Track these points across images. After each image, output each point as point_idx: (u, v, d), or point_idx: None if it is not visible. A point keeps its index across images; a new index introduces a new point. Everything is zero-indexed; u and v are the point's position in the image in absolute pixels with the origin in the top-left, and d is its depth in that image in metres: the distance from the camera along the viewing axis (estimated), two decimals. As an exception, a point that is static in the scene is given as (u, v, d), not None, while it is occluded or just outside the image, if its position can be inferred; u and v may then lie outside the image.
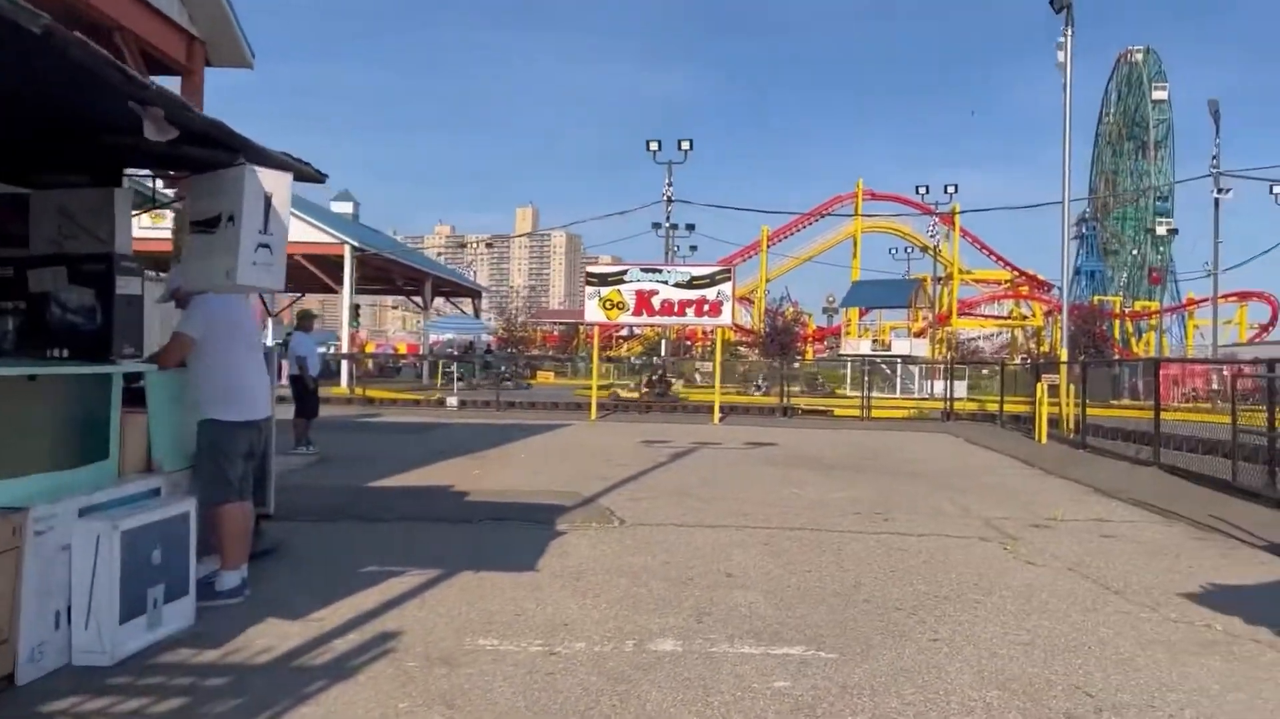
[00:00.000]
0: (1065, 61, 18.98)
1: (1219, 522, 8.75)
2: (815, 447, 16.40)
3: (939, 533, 8.17)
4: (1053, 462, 14.27)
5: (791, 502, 9.77)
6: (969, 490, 11.01)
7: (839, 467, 13.22)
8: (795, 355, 68.42)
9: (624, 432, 18.80)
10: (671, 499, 9.69)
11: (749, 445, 16.30)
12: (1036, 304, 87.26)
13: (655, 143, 40.75)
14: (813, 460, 13.98)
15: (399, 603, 5.59)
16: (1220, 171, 35.12)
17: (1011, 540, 7.89)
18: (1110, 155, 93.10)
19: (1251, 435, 9.86)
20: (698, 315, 22.24)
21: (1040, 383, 17.44)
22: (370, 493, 9.86)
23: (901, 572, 6.61)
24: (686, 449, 15.17)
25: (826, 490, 10.70)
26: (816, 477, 11.94)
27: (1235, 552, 7.59)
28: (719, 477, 11.67)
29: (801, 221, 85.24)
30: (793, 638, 4.99)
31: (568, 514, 8.65)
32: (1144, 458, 12.99)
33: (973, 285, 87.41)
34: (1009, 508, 9.71)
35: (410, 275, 40.44)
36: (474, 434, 17.28)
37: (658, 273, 22.43)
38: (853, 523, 8.55)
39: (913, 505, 9.71)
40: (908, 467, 13.52)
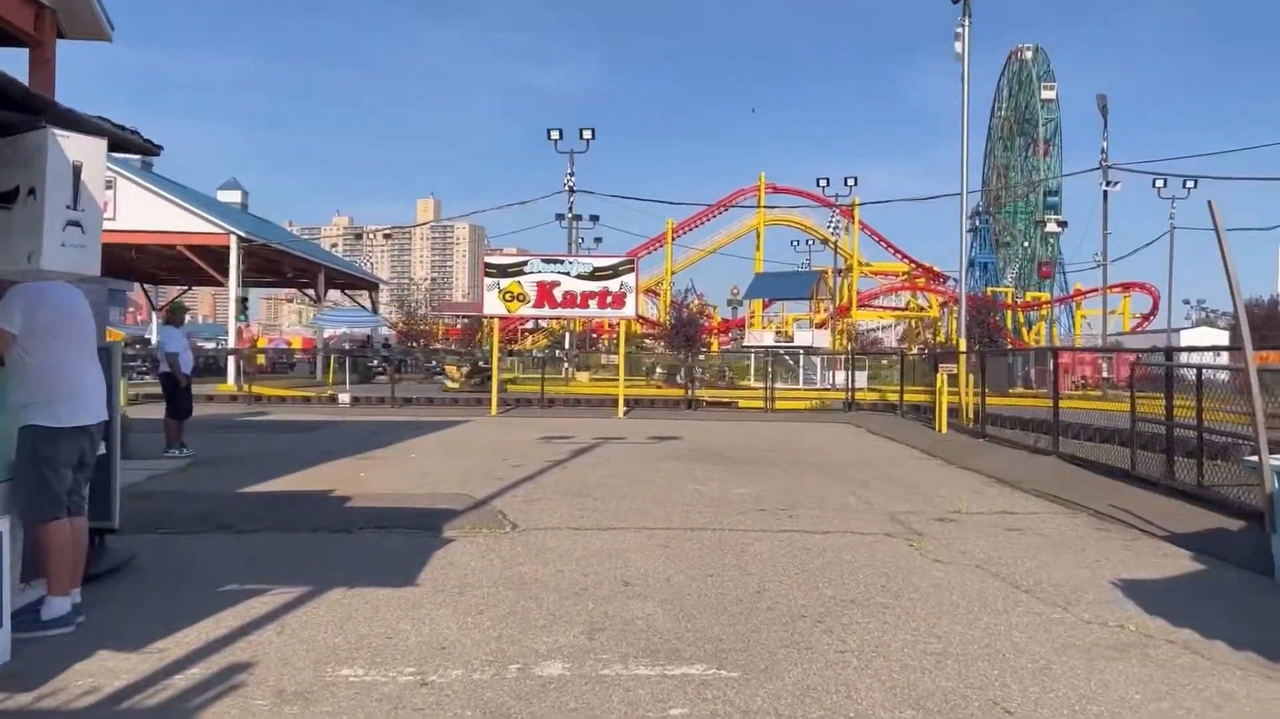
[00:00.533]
0: (962, 52, 19.14)
1: (1120, 512, 8.69)
2: (719, 440, 16.13)
3: (844, 529, 7.89)
4: (954, 452, 14.27)
5: (694, 499, 9.40)
6: (873, 483, 10.82)
7: (742, 461, 12.94)
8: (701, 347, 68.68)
9: (524, 427, 18.25)
10: (568, 500, 9.22)
11: (652, 440, 15.93)
12: (932, 295, 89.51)
13: (556, 131, 40.10)
14: (716, 455, 13.68)
15: (256, 627, 5.00)
16: (1109, 165, 36.25)
17: (918, 536, 7.66)
18: (1002, 150, 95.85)
19: (1149, 424, 9.87)
20: (600, 307, 21.79)
21: (939, 373, 17.51)
22: (242, 500, 9.13)
23: (807, 574, 6.28)
24: (588, 445, 14.72)
25: (730, 486, 10.37)
26: (720, 472, 11.62)
27: (1138, 543, 7.49)
28: (619, 474, 11.25)
29: (706, 214, 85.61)
30: (692, 655, 4.59)
31: (457, 519, 8.11)
32: (1043, 447, 13.04)
33: (871, 277, 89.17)
34: (914, 501, 9.53)
35: (302, 267, 38.96)
36: (365, 433, 16.51)
37: (559, 264, 21.89)
38: (756, 521, 8.22)
39: (817, 500, 9.45)
40: (811, 459, 13.32)
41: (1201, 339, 51.69)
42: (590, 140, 40.43)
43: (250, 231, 32.62)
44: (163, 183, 32.76)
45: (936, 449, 14.74)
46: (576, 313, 22.84)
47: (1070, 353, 26.57)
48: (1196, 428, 8.58)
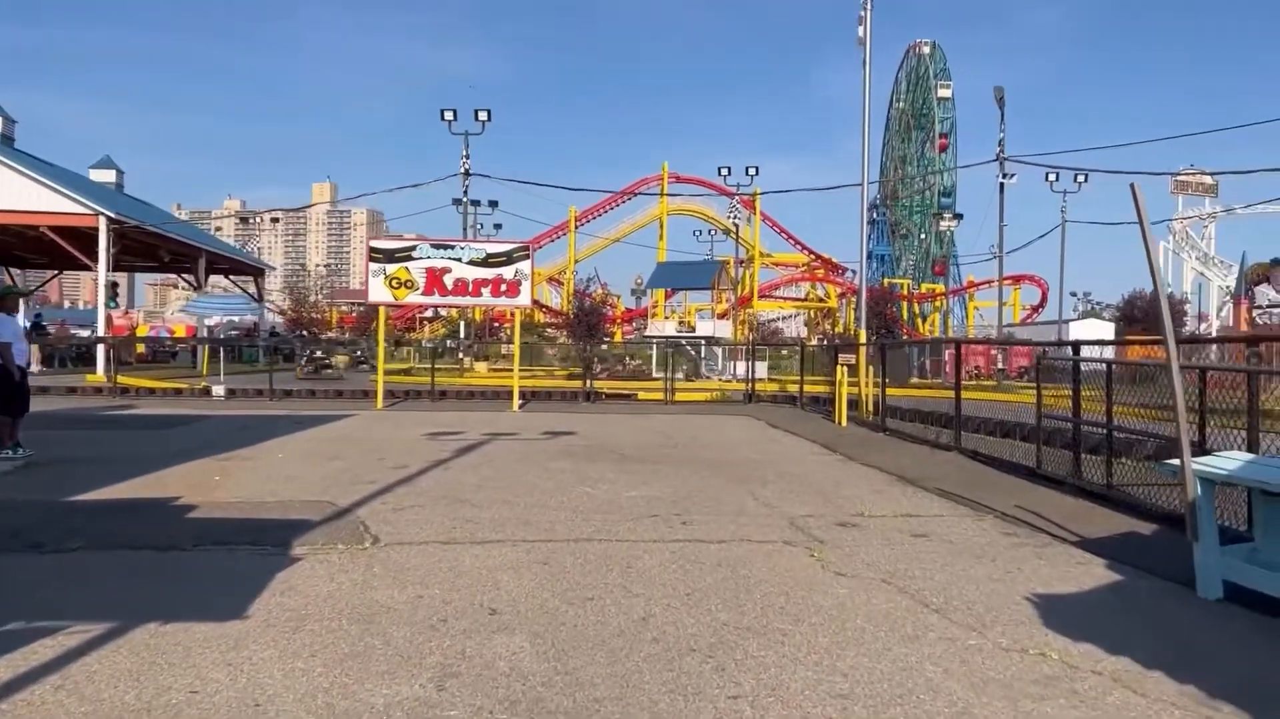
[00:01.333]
0: (865, 36, 18.82)
1: (1028, 514, 8.30)
2: (615, 435, 15.45)
3: (741, 538, 7.28)
4: (854, 446, 13.88)
5: (582, 503, 8.68)
6: (772, 482, 10.28)
7: (638, 459, 12.28)
8: (604, 337, 67.99)
9: (411, 422, 17.26)
10: (444, 507, 8.40)
11: (546, 435, 15.15)
12: (831, 286, 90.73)
13: (450, 112, 38.64)
14: (611, 452, 12.99)
15: (31, 682, 4.09)
16: (1005, 157, 36.75)
17: (819, 544, 7.09)
18: (900, 142, 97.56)
19: (1055, 420, 9.54)
20: (494, 295, 20.86)
21: (839, 366, 17.17)
22: (67, 511, 8.05)
23: (699, 594, 5.62)
24: (476, 442, 13.86)
25: (622, 488, 9.69)
26: (613, 471, 10.93)
27: (1050, 550, 7.06)
28: (505, 475, 10.46)
29: (610, 202, 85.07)
30: (559, 706, 3.87)
31: (312, 532, 7.22)
32: (944, 442, 12.73)
33: (772, 268, 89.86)
34: (814, 503, 9.00)
35: (181, 251, 36.86)
36: (234, 429, 15.32)
37: (450, 249, 20.88)
38: (648, 529, 7.54)
39: (714, 503, 8.84)
40: (709, 455, 12.75)
41: (1089, 331, 53.26)
42: (486, 122, 39.15)
43: (122, 213, 30.59)
44: (24, 159, 30.48)
45: (837, 444, 14.33)
46: (468, 301, 21.85)
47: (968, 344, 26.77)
48: (1105, 425, 8.23)
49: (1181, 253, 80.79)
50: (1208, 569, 5.58)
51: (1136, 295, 69.75)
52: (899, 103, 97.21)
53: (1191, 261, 80.00)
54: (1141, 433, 7.85)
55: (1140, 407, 8.24)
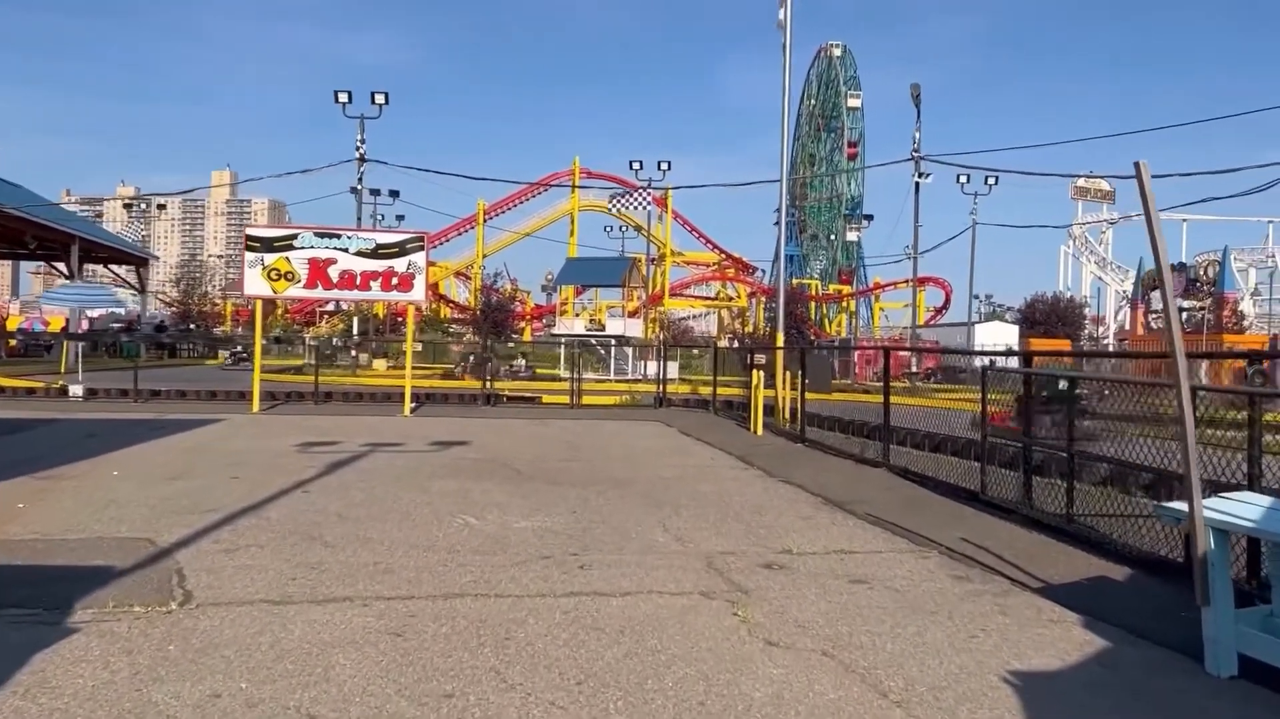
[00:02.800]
0: (785, 19, 17.77)
1: (976, 549, 7.23)
2: (514, 445, 14.06)
3: (650, 588, 6.01)
4: (773, 459, 12.77)
5: (461, 540, 7.30)
6: (686, 507, 9.05)
7: (536, 475, 10.93)
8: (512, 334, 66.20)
9: (285, 429, 15.57)
10: (290, 546, 6.93)
11: (435, 447, 13.67)
12: (742, 286, 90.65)
13: (345, 94, 36.40)
14: (506, 467, 11.61)
15: None
16: (920, 156, 36.40)
17: (743, 597, 5.87)
18: (810, 142, 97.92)
19: (1002, 439, 8.51)
20: (385, 289, 19.22)
21: (754, 372, 16.09)
22: None
23: (593, 683, 4.32)
24: (352, 455, 12.33)
25: (513, 515, 8.34)
26: (505, 493, 9.56)
27: (1012, 600, 5.97)
28: (376, 500, 9.00)
29: (520, 196, 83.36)
30: None
31: (109, 587, 5.70)
32: (871, 457, 11.69)
33: (683, 267, 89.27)
34: (734, 534, 7.79)
35: (48, 237, 34.02)
36: (78, 437, 13.46)
37: (337, 238, 19.16)
38: (537, 577, 6.22)
39: (619, 536, 7.56)
40: (617, 471, 11.47)
41: (994, 334, 53.74)
42: (384, 105, 37.00)
43: (-24, 193, 27.85)
44: None
45: (753, 455, 13.21)
46: (355, 295, 20.14)
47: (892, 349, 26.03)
48: (1066, 449, 7.20)
49: (1080, 257, 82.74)
50: (1221, 642, 4.52)
51: (1038, 298, 71.01)
52: (810, 101, 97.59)
53: (1090, 266, 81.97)
54: (1116, 461, 6.83)
55: (1099, 418, 7.27)
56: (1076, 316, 70.28)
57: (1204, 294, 59.93)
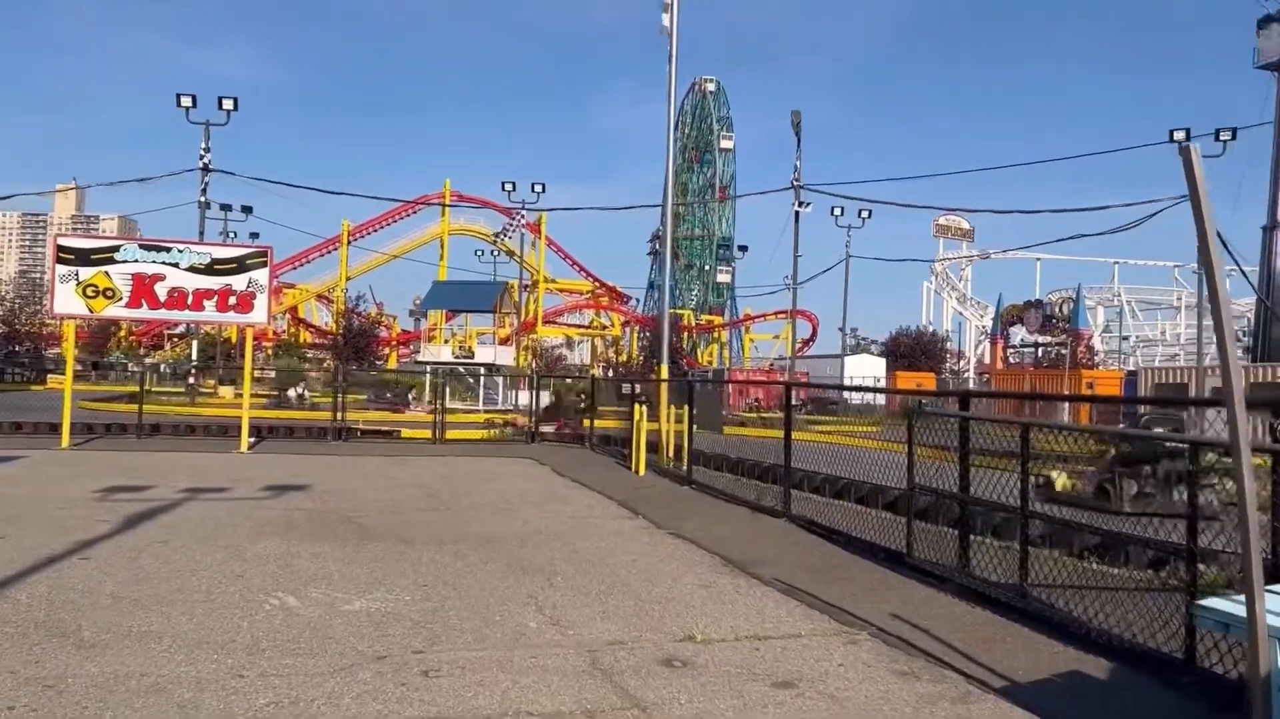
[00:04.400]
0: (671, 26, 16.64)
1: (913, 630, 5.98)
2: (362, 490, 12.27)
3: (517, 708, 4.50)
4: (659, 506, 11.38)
5: (271, 632, 5.62)
6: (562, 572, 7.55)
7: (382, 532, 9.23)
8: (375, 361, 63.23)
9: (93, 469, 13.32)
10: (25, 648, 5.11)
11: (267, 493, 11.75)
12: (615, 314, 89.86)
13: (189, 98, 33.42)
14: (347, 520, 9.86)
15: None
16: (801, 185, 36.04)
17: (641, 716, 4.43)
18: (685, 173, 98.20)
19: (930, 495, 7.32)
20: (220, 310, 17.05)
21: (636, 406, 14.73)
22: None
23: None
24: (163, 504, 10.34)
25: (346, 591, 6.68)
26: (341, 558, 7.86)
27: (976, 708, 4.70)
28: (170, 572, 7.17)
29: (387, 217, 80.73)
30: None
31: None
32: (769, 505, 10.44)
33: (557, 294, 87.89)
34: (623, 613, 6.34)
35: None
36: None
37: (166, 251, 16.91)
38: (365, 692, 4.62)
39: (478, 620, 6.01)
40: (481, 524, 9.87)
41: (863, 366, 54.27)
42: (231, 112, 34.06)
43: None
44: None
45: (637, 501, 11.79)
46: (187, 316, 17.88)
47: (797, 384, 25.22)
48: (1020, 510, 6.02)
49: (942, 293, 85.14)
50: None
51: (902, 332, 72.55)
52: (684, 132, 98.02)
53: (951, 301, 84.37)
54: (1089, 528, 5.68)
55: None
56: (939, 350, 72.04)
57: (1059, 330, 62.01)
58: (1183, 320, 79.30)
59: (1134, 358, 74.97)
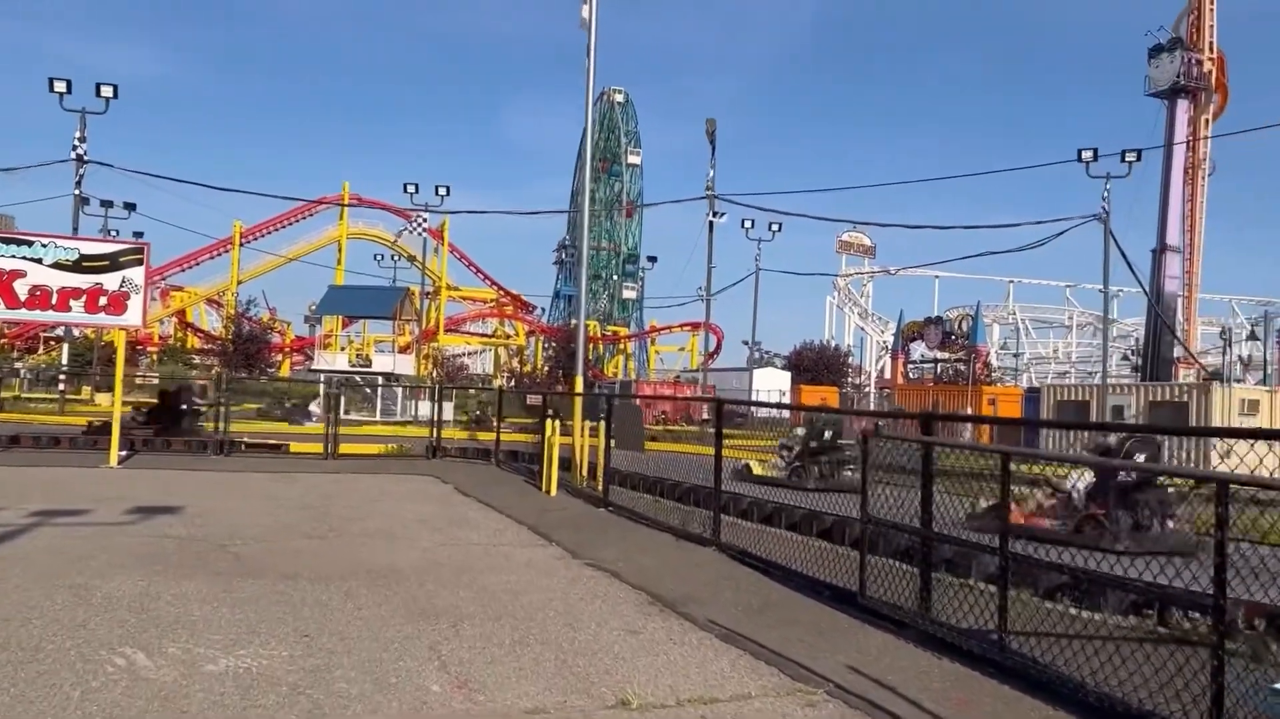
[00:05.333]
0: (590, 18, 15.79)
1: (880, 689, 5.22)
2: (242, 512, 11.05)
3: (419, 813, 3.55)
4: (575, 532, 10.48)
5: (108, 707, 4.54)
6: (471, 616, 6.59)
7: (262, 564, 8.11)
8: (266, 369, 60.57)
9: (-72, 489, 11.74)
10: None
11: (133, 516, 10.44)
12: (520, 324, 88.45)
13: (63, 83, 30.83)
14: (221, 549, 8.69)
15: None
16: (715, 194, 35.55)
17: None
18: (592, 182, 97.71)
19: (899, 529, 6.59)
20: (90, 311, 15.49)
21: (548, 422, 13.79)
22: None
23: None
24: (5, 530, 8.98)
25: (211, 646, 5.60)
26: (210, 598, 6.75)
27: (977, 798, 3.95)
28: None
29: (283, 219, 77.63)
30: None
31: None
32: (696, 531, 9.64)
33: (460, 302, 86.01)
34: (543, 670, 5.43)
35: None
36: None
37: (28, 246, 15.29)
38: (220, 796, 3.61)
39: (371, 684, 5.02)
40: (376, 554, 8.82)
41: (770, 379, 54.23)
42: (111, 99, 31.56)
43: None
44: None
45: (550, 526, 10.86)
46: (52, 316, 16.24)
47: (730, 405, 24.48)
48: (999, 549, 5.31)
49: (845, 308, 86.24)
50: None
51: (806, 346, 73.13)
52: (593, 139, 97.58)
53: (853, 317, 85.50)
54: (1068, 569, 5.01)
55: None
56: (842, 365, 72.79)
57: (958, 347, 63.21)
58: (1074, 339, 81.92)
59: (1027, 374, 77.08)
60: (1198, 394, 28.18)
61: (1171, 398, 29.02)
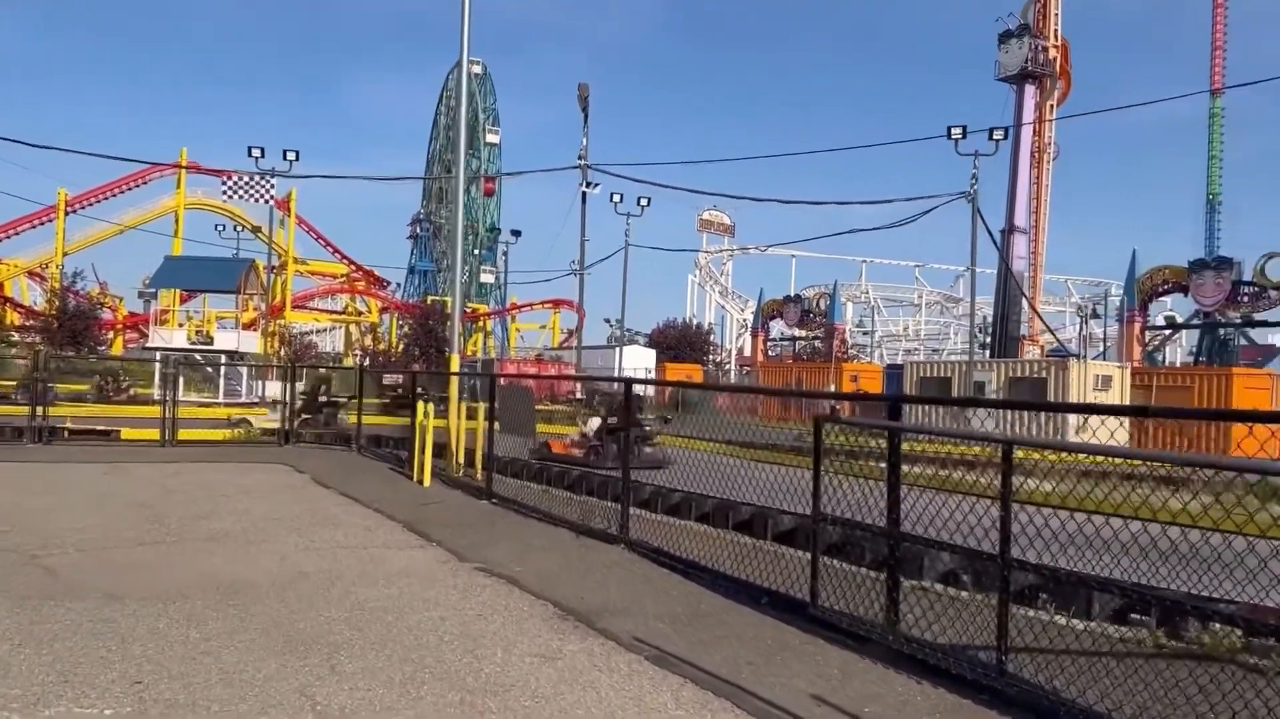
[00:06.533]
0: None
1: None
2: (58, 514, 9.41)
3: None
4: (458, 529, 9.32)
5: None
6: (347, 645, 5.43)
7: (79, 583, 6.67)
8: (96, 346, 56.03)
9: None
10: None
11: (-83, 521, 8.68)
12: (373, 300, 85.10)
13: None
14: (29, 563, 7.17)
15: None
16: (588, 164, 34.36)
17: None
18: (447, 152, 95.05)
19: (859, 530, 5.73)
20: None
21: (419, 404, 12.50)
22: None
23: None
24: None
25: (6, 704, 4.29)
26: (5, 635, 5.35)
27: None
28: None
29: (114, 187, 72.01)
30: None
31: None
32: (600, 527, 8.64)
33: (309, 277, 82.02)
34: (420, 706, 4.36)
35: None
36: None
37: None
38: None
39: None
40: (222, 565, 7.47)
41: (637, 357, 53.72)
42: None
43: None
44: None
45: (428, 522, 9.67)
46: None
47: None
48: (999, 556, 4.50)
49: (706, 286, 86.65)
50: None
51: (669, 324, 73.06)
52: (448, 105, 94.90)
53: (714, 295, 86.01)
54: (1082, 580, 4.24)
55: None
56: (704, 343, 73.04)
57: (817, 325, 64.26)
58: (923, 317, 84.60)
59: (879, 351, 79.19)
60: (1056, 370, 29.00)
61: (1031, 374, 29.79)
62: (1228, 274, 39.24)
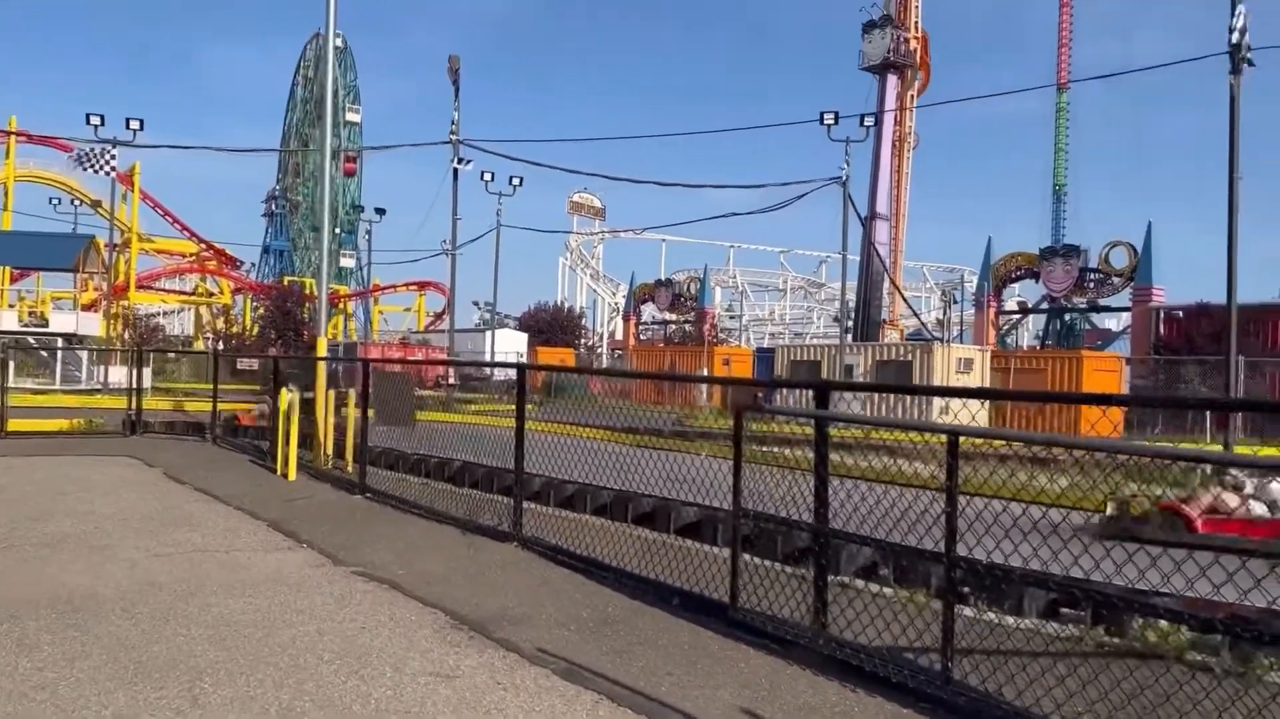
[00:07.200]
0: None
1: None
2: None
3: None
4: (331, 528, 8.60)
5: None
6: (212, 668, 4.76)
7: (-116, 604, 5.72)
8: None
9: None
10: None
11: None
12: (225, 281, 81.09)
13: None
14: None
15: None
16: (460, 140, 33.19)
17: None
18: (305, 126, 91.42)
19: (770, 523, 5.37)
20: None
21: (283, 394, 11.60)
22: None
23: None
24: None
25: None
26: None
27: None
28: None
29: (-72, 154, 66.18)
30: None
31: None
32: (489, 523, 8.07)
33: (155, 255, 77.48)
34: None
35: None
36: None
37: None
38: None
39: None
40: (62, 576, 6.59)
41: (508, 341, 52.82)
42: None
43: None
44: None
45: (296, 520, 8.90)
46: None
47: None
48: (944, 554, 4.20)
49: (577, 269, 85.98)
50: None
51: (540, 307, 72.21)
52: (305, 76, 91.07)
53: (585, 278, 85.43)
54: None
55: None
56: (575, 327, 72.53)
57: (688, 309, 64.68)
58: (788, 301, 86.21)
59: (746, 335, 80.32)
60: (920, 353, 29.76)
61: (897, 357, 30.49)
62: (1075, 261, 41.20)
